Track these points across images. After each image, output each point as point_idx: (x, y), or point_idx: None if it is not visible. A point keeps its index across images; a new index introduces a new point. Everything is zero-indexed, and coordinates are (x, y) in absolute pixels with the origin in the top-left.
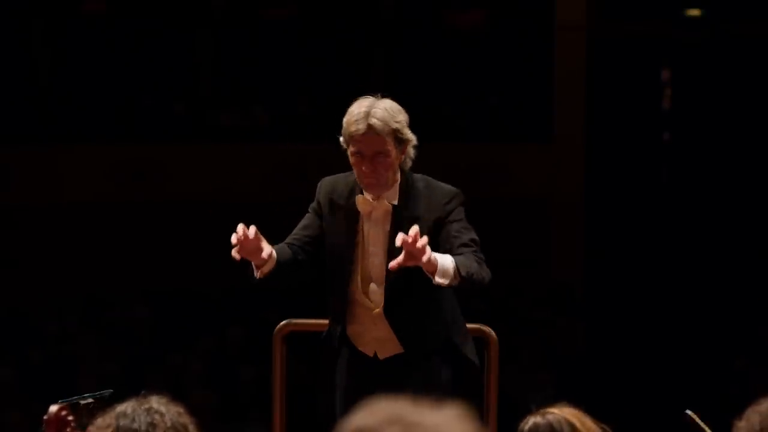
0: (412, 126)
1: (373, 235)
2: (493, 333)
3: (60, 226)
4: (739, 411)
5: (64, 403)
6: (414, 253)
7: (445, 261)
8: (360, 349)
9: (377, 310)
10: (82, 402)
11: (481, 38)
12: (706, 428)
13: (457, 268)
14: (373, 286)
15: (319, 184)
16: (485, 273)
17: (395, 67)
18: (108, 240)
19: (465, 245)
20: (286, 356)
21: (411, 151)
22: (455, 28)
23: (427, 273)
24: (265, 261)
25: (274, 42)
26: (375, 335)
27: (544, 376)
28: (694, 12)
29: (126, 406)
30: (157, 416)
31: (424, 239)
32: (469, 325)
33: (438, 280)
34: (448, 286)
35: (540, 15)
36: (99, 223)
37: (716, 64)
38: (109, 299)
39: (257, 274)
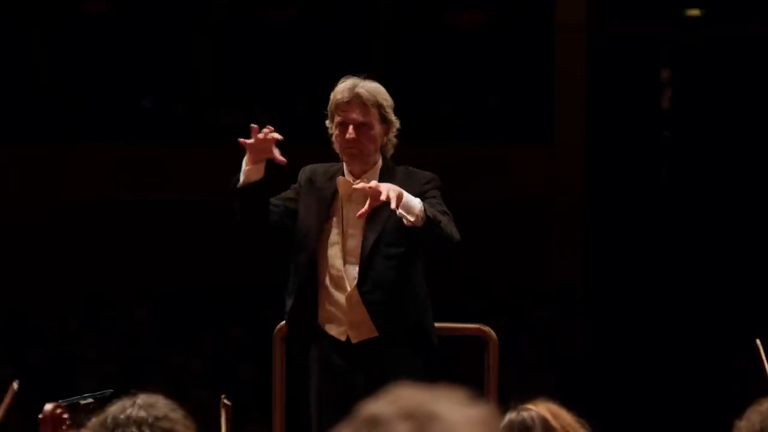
0: (413, 126)
1: (351, 218)
2: (493, 333)
3: (60, 226)
4: (739, 410)
5: (62, 403)
6: (372, 194)
7: (413, 199)
8: (331, 333)
9: (351, 290)
10: (82, 402)
11: (481, 38)
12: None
13: (424, 210)
14: (349, 267)
15: (301, 170)
16: (453, 230)
17: (395, 67)
18: (108, 240)
19: (441, 212)
20: (286, 356)
21: (393, 139)
22: (455, 28)
23: (391, 204)
24: (259, 171)
25: (274, 42)
26: (350, 318)
27: (544, 376)
28: (694, 12)
29: (117, 406)
30: (143, 413)
31: (374, 182)
32: (469, 325)
33: (401, 211)
34: (413, 225)
35: (540, 15)
36: (99, 223)
37: (716, 64)
38: (109, 299)
39: (241, 180)
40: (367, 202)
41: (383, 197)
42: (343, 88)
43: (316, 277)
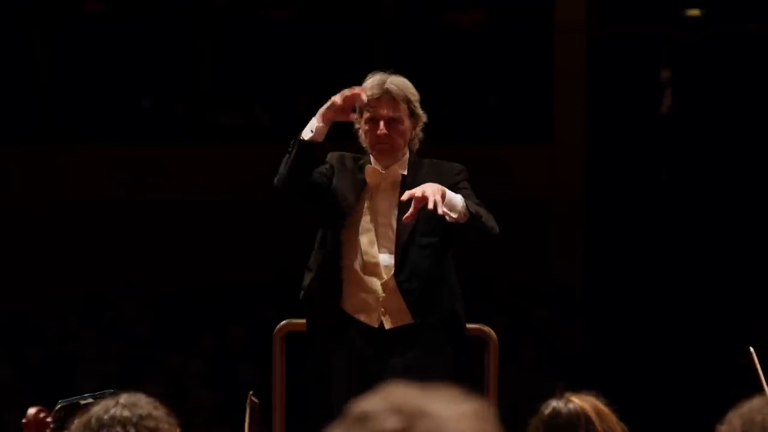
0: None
1: (381, 206)
2: (493, 333)
3: (60, 226)
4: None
5: (63, 404)
6: (419, 199)
7: (454, 196)
8: (363, 320)
9: (387, 278)
10: (82, 402)
11: (481, 38)
12: (760, 371)
13: (467, 206)
14: (383, 255)
15: (329, 154)
16: (493, 223)
17: (395, 67)
18: (108, 240)
19: (476, 204)
20: (286, 356)
21: (420, 133)
22: (455, 28)
23: (437, 209)
24: (324, 133)
25: (274, 42)
26: (384, 305)
27: (544, 376)
28: (694, 12)
29: (100, 407)
30: (127, 412)
31: (418, 190)
32: (469, 325)
33: (445, 210)
34: (456, 221)
35: (540, 15)
36: (99, 223)
37: (716, 64)
38: (109, 299)
39: (309, 136)
40: (412, 206)
41: (430, 205)
42: (372, 84)
43: (341, 259)
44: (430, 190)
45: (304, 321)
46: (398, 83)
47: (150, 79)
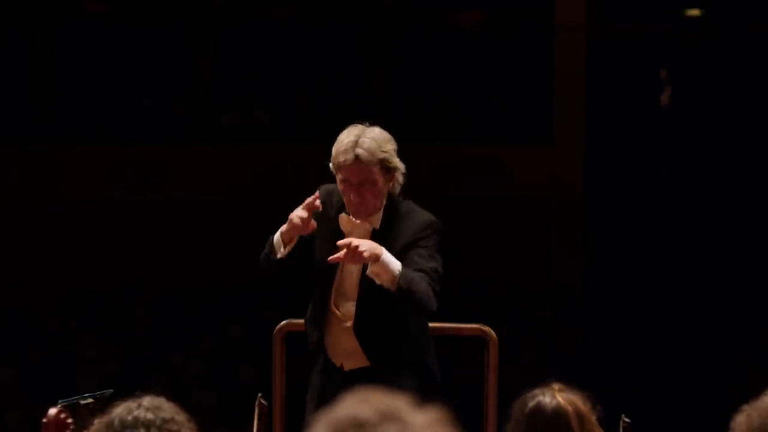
0: (413, 126)
1: None
2: (493, 333)
3: (60, 226)
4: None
5: (64, 404)
6: (350, 251)
7: (392, 263)
8: (331, 358)
9: (348, 323)
10: (82, 402)
11: (481, 38)
12: None
13: (398, 278)
14: (347, 303)
15: (320, 188)
16: (430, 300)
17: (395, 67)
18: (108, 240)
19: (421, 270)
20: (286, 356)
21: (399, 178)
22: (455, 28)
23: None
24: (294, 242)
25: (274, 42)
26: (344, 347)
27: (544, 376)
28: (694, 12)
29: (122, 408)
30: (150, 415)
31: (351, 240)
32: (469, 325)
33: (371, 270)
34: (383, 286)
35: (540, 15)
36: (99, 223)
37: (716, 64)
38: (109, 299)
39: (283, 253)
40: (342, 254)
41: (352, 261)
42: (344, 147)
43: (325, 306)
44: (365, 247)
45: (304, 321)
46: (368, 147)
47: (150, 79)
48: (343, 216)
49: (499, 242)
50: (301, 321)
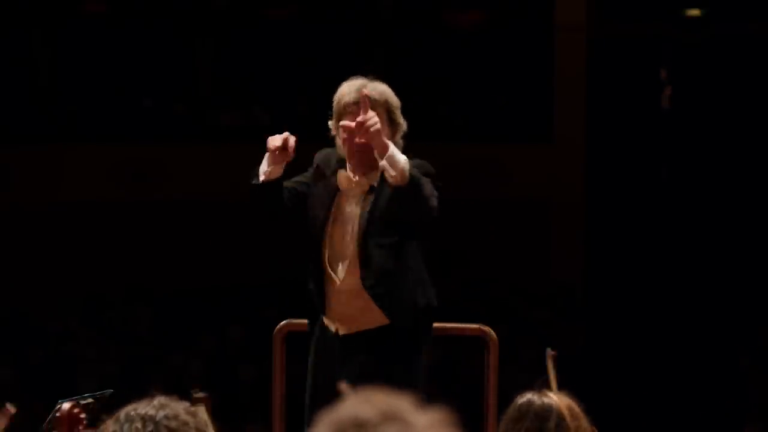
0: (413, 126)
1: (348, 213)
2: (493, 333)
3: (60, 226)
4: (740, 411)
5: (62, 402)
6: (363, 126)
7: (400, 156)
8: (326, 323)
9: (340, 284)
10: (82, 402)
11: (481, 38)
12: (552, 374)
13: (410, 170)
14: (343, 261)
15: (317, 153)
16: (434, 198)
17: (395, 67)
18: (108, 240)
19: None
20: (286, 356)
21: (400, 141)
22: (455, 28)
23: (376, 155)
24: (280, 170)
25: (274, 42)
26: (339, 311)
27: (544, 376)
28: (694, 12)
29: (133, 404)
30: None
31: (371, 116)
32: (469, 325)
33: (384, 163)
34: (392, 180)
35: (540, 15)
36: (99, 223)
37: (716, 64)
38: (109, 299)
39: (262, 178)
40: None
41: (366, 135)
42: (349, 89)
43: (321, 269)
44: (377, 126)
45: (304, 321)
46: (377, 87)
47: (150, 79)
48: (341, 173)
49: (499, 242)
50: (302, 321)
